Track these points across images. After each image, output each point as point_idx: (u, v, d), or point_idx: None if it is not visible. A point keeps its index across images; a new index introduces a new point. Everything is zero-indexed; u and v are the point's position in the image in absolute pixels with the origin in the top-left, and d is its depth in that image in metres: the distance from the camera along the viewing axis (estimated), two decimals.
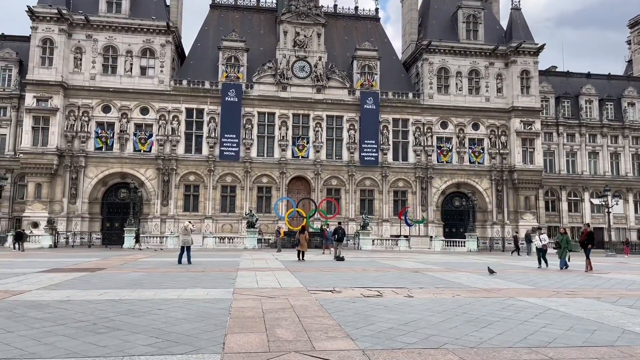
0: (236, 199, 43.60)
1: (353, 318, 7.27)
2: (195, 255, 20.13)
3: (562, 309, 8.48)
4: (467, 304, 8.84)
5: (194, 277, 13.11)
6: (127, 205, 42.67)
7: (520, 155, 46.43)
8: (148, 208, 42.63)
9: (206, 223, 42.25)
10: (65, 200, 40.95)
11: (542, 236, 19.92)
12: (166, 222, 41.89)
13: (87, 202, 41.54)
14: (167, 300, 8.86)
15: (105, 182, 42.61)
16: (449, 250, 38.81)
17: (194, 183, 43.34)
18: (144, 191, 42.85)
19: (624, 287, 12.41)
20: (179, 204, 42.76)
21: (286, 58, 45.42)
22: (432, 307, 8.47)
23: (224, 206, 43.44)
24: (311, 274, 14.50)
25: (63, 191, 41.08)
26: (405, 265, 19.18)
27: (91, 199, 41.94)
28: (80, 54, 42.76)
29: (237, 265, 17.84)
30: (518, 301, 9.38)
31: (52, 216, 39.78)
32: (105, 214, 43.22)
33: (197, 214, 42.78)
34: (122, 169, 42.30)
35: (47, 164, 40.41)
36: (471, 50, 47.84)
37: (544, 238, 19.78)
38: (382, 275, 14.58)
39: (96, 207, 42.57)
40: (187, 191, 43.35)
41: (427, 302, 9.10)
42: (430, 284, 12.40)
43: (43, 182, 40.67)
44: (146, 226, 41.92)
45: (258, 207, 43.54)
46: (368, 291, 10.52)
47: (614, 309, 8.61)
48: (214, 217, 42.64)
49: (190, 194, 43.35)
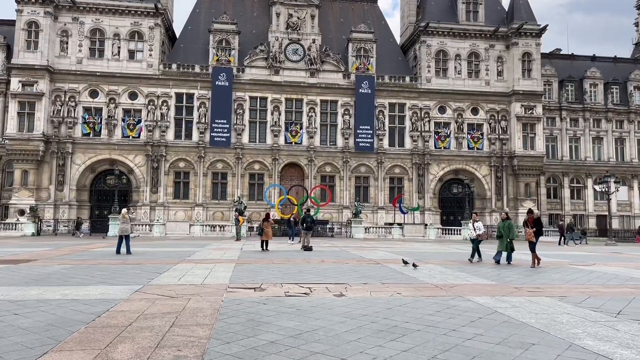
0: (227, 186, 42.58)
1: (238, 327, 6.16)
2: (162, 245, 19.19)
3: (509, 312, 7.31)
4: (399, 306, 7.67)
5: (115, 271, 11.96)
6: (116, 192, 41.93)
7: (520, 141, 44.97)
8: (137, 195, 41.72)
9: (196, 211, 41.31)
10: (53, 187, 40.10)
11: (476, 224, 16.72)
12: (155, 210, 40.98)
13: (75, 189, 40.68)
14: (42, 302, 7.79)
15: (93, 169, 41.70)
16: (444, 238, 37.66)
17: (184, 170, 42.34)
18: (134, 178, 41.94)
19: (600, 283, 11.20)
20: (168, 191, 41.80)
21: (279, 41, 44.04)
22: (353, 310, 7.32)
23: (214, 193, 42.46)
24: (256, 267, 13.28)
25: (50, 178, 40.23)
26: (374, 256, 17.81)
27: (79, 186, 41.07)
28: (66, 38, 41.63)
29: (187, 256, 16.60)
30: (464, 301, 8.21)
31: (38, 203, 39.00)
32: (94, 201, 42.38)
33: (187, 201, 41.84)
34: (111, 156, 41.32)
35: (33, 150, 39.52)
36: (471, 32, 46.20)
37: (479, 227, 16.69)
38: (335, 268, 13.37)
39: (84, 194, 41.71)
40: (177, 178, 42.36)
41: (354, 303, 7.94)
42: (381, 278, 11.21)
43: (29, 168, 39.82)
44: (135, 214, 41.00)
45: (250, 195, 42.56)
46: (299, 288, 9.43)
47: (573, 312, 7.42)
48: (205, 205, 41.67)
49: (181, 180, 42.37)
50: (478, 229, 16.61)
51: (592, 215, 49.25)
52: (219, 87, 42.34)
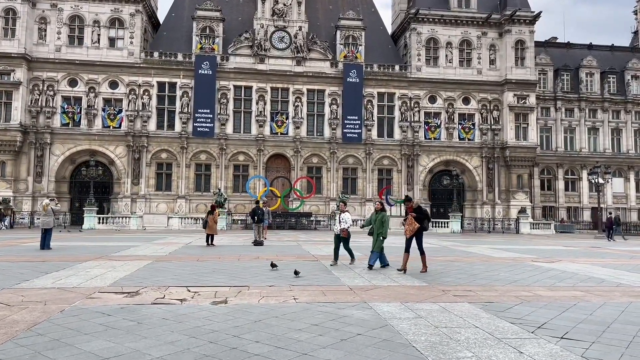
0: (211, 177, 41.50)
1: (24, 351, 4.99)
2: (111, 239, 18.12)
3: (403, 326, 6.07)
4: (273, 318, 6.46)
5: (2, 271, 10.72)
6: (97, 184, 40.92)
7: (513, 131, 43.73)
8: (118, 187, 40.68)
9: (179, 203, 40.28)
10: (31, 178, 39.09)
11: (342, 215, 12.59)
12: (137, 202, 39.96)
13: (54, 180, 39.65)
14: None
15: (73, 160, 40.64)
16: (431, 231, 36.51)
17: (166, 161, 41.25)
18: (115, 169, 40.90)
19: (549, 284, 9.76)
20: (150, 183, 40.74)
21: (264, 28, 42.76)
22: (210, 325, 6.08)
23: (198, 185, 41.40)
24: (169, 266, 11.89)
25: (28, 169, 39.21)
26: (319, 252, 16.33)
27: (58, 177, 40.04)
28: (44, 25, 40.41)
29: (116, 252, 15.21)
30: (361, 310, 6.97)
31: (16, 195, 38.09)
32: (75, 193, 41.34)
33: (169, 193, 40.81)
34: (91, 146, 40.25)
35: (11, 140, 38.46)
36: (463, 19, 44.84)
37: (345, 218, 12.52)
38: (260, 266, 11.84)
39: (64, 186, 40.68)
40: (160, 169, 41.28)
41: (224, 313, 6.70)
42: (294, 280, 9.86)
43: (7, 160, 38.78)
44: (116, 206, 40.07)
45: (234, 187, 41.53)
46: (186, 292, 8.24)
47: (484, 325, 6.12)
48: (188, 197, 40.63)
49: (163, 172, 41.29)
50: (345, 222, 12.48)
51: (587, 208, 48.10)
52: (203, 75, 41.15)
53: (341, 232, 12.44)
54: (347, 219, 12.62)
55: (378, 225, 11.98)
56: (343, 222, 12.53)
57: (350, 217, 13.05)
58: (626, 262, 14.86)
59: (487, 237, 30.27)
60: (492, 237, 30.29)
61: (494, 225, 40.69)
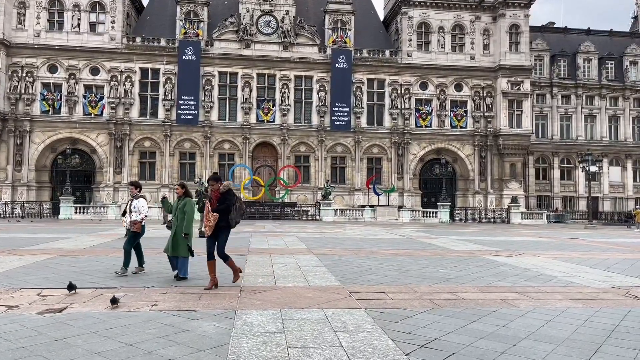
0: (196, 166, 40.51)
1: None
2: (67, 231, 17.06)
3: (246, 345, 4.75)
4: (102, 330, 5.25)
5: None
6: (79, 173, 40.08)
7: (506, 119, 42.53)
8: (101, 176, 39.73)
9: (163, 192, 39.28)
10: (10, 167, 38.16)
11: (135, 202, 8.98)
12: (119, 191, 38.99)
13: (34, 169, 38.70)
14: None
15: (54, 149, 39.66)
16: (420, 221, 35.57)
17: (149, 149, 40.25)
18: (97, 158, 39.93)
19: (482, 285, 8.45)
20: (133, 172, 39.78)
21: (250, 12, 41.50)
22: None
23: (182, 174, 40.40)
24: (67, 262, 10.41)
25: (7, 158, 38.26)
26: (275, 244, 14.95)
27: (39, 166, 39.10)
28: (23, 9, 39.24)
29: (33, 244, 13.78)
30: (214, 322, 5.66)
31: None
32: (57, 183, 40.38)
33: (153, 182, 39.84)
34: (72, 134, 39.25)
35: None
36: (455, 2, 43.45)
37: (139, 207, 8.91)
38: None
39: (45, 175, 39.76)
40: (143, 158, 40.31)
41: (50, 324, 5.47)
42: (199, 279, 8.40)
43: None
44: (98, 195, 39.16)
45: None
46: (34, 297, 6.91)
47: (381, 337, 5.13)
48: (172, 186, 39.61)
49: (146, 161, 40.33)
50: (136, 212, 8.84)
51: (583, 197, 46.93)
52: (186, 61, 40.00)
53: (132, 225, 8.82)
54: (141, 208, 8.89)
55: (180, 218, 8.34)
56: (135, 212, 8.87)
57: (147, 204, 9.14)
58: (595, 256, 13.55)
59: (471, 228, 29.09)
60: (477, 228, 29.10)
61: (485, 215, 39.63)
